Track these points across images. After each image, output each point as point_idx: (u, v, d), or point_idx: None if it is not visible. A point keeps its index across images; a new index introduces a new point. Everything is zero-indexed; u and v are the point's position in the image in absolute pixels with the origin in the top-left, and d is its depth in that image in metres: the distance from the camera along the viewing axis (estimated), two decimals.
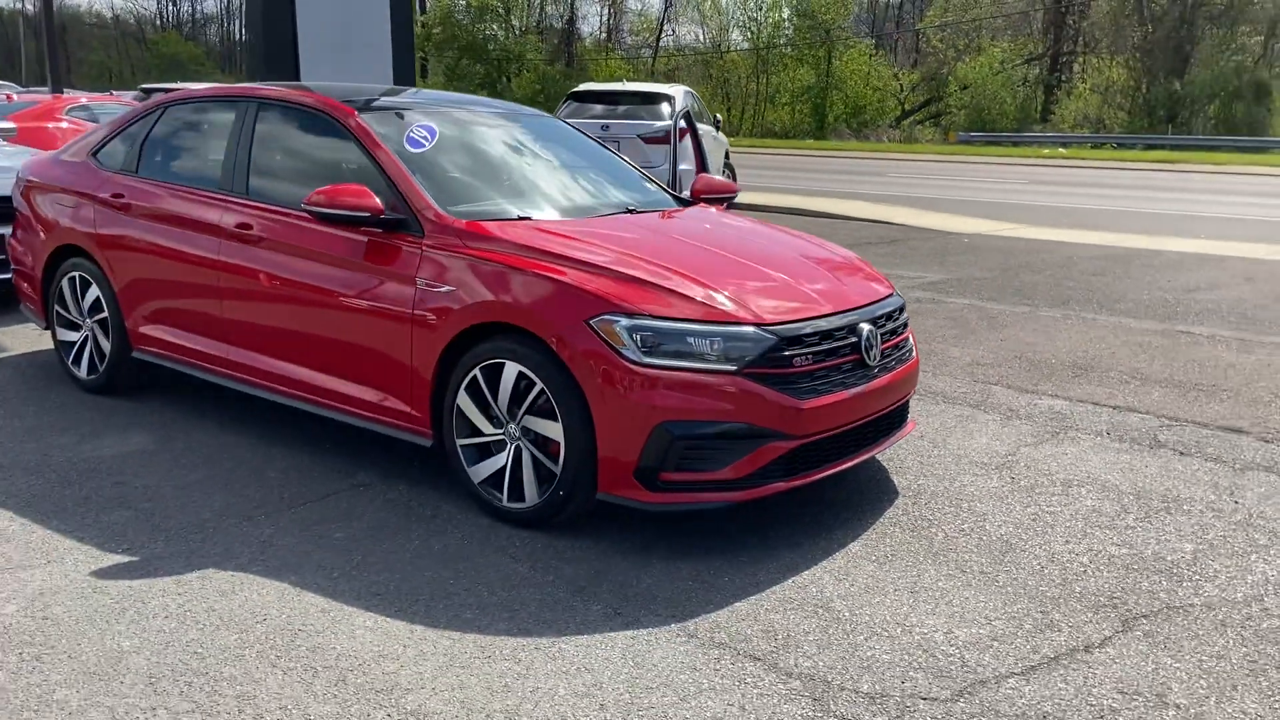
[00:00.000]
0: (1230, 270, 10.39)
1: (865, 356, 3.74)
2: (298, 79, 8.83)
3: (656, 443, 3.36)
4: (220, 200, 4.54)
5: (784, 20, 49.04)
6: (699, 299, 3.51)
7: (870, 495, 4.10)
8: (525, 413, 3.61)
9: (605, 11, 60.27)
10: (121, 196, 4.94)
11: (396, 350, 3.92)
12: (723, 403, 3.38)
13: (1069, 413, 5.30)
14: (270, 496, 3.99)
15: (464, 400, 3.76)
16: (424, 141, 4.32)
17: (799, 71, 47.59)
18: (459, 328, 3.72)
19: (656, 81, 54.50)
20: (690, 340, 3.40)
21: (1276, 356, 6.63)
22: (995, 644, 2.96)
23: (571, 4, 59.86)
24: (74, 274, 5.17)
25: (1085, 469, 4.46)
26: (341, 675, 2.77)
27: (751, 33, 52.30)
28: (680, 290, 3.54)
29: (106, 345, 5.10)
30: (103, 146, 5.25)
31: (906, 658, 2.87)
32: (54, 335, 5.40)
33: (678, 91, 13.25)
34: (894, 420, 4.05)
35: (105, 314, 5.06)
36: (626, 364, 3.37)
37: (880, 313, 3.94)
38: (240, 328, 4.47)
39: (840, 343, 3.67)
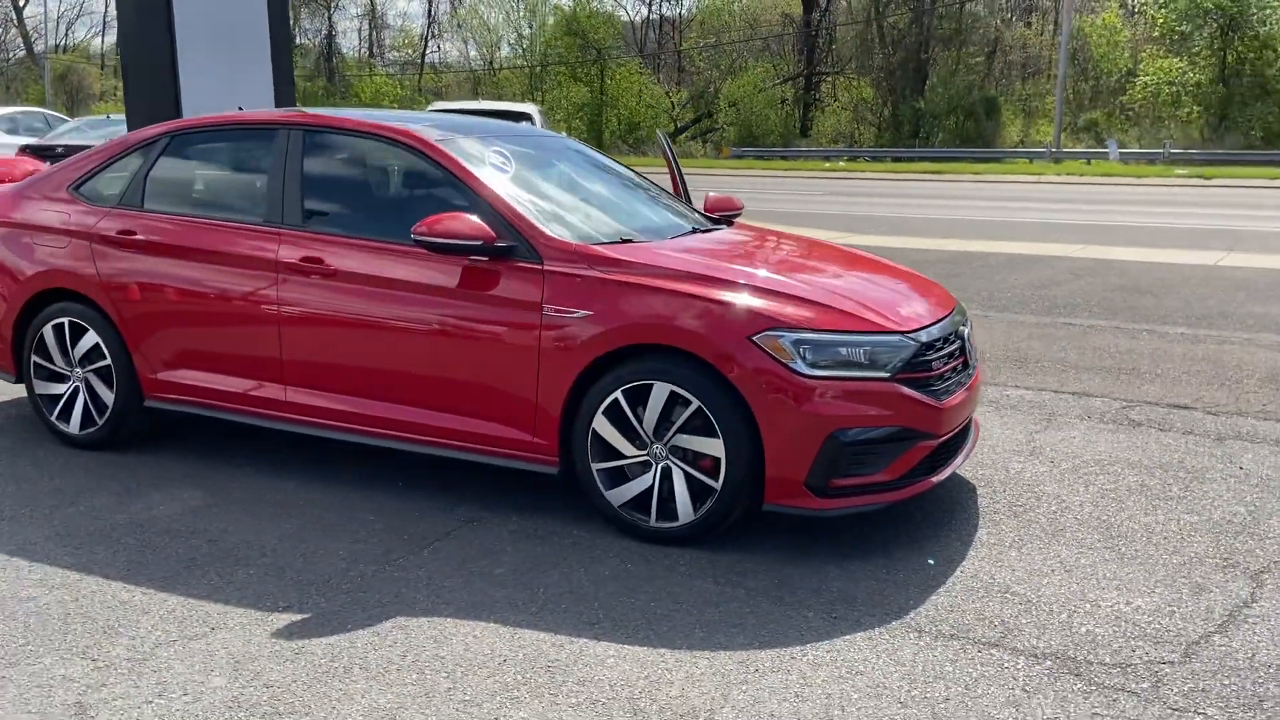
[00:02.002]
0: (1057, 268, 11.53)
1: (968, 358, 4.05)
2: (177, 99, 8.31)
3: (828, 451, 3.52)
4: (272, 234, 4.30)
5: (555, 39, 49.57)
6: (847, 311, 3.70)
7: (950, 487, 4.40)
8: (677, 431, 3.67)
9: (365, 27, 58.86)
10: (131, 233, 4.56)
11: (518, 378, 3.87)
12: (881, 408, 3.57)
13: (1041, 401, 5.84)
14: (391, 540, 3.84)
15: (602, 424, 3.77)
16: (506, 169, 4.28)
17: (573, 89, 48.27)
18: (599, 351, 3.73)
19: (426, 99, 53.81)
20: (846, 350, 3.58)
21: (1161, 341, 7.50)
22: (1174, 609, 3.31)
23: (329, 19, 58.11)
24: (61, 320, 4.71)
25: (1101, 450, 4.95)
26: (633, 703, 2.76)
27: (523, 50, 52.60)
28: (825, 303, 3.72)
29: (108, 395, 4.68)
30: (86, 180, 4.82)
31: (1117, 629, 3.17)
32: (30, 389, 4.89)
33: (533, 110, 13.31)
34: (970, 422, 4.37)
35: (106, 361, 4.65)
36: (797, 377, 3.51)
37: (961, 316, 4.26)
38: (307, 368, 4.25)
39: (952, 346, 3.95)
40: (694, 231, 4.59)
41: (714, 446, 3.62)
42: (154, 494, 4.28)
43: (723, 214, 5.26)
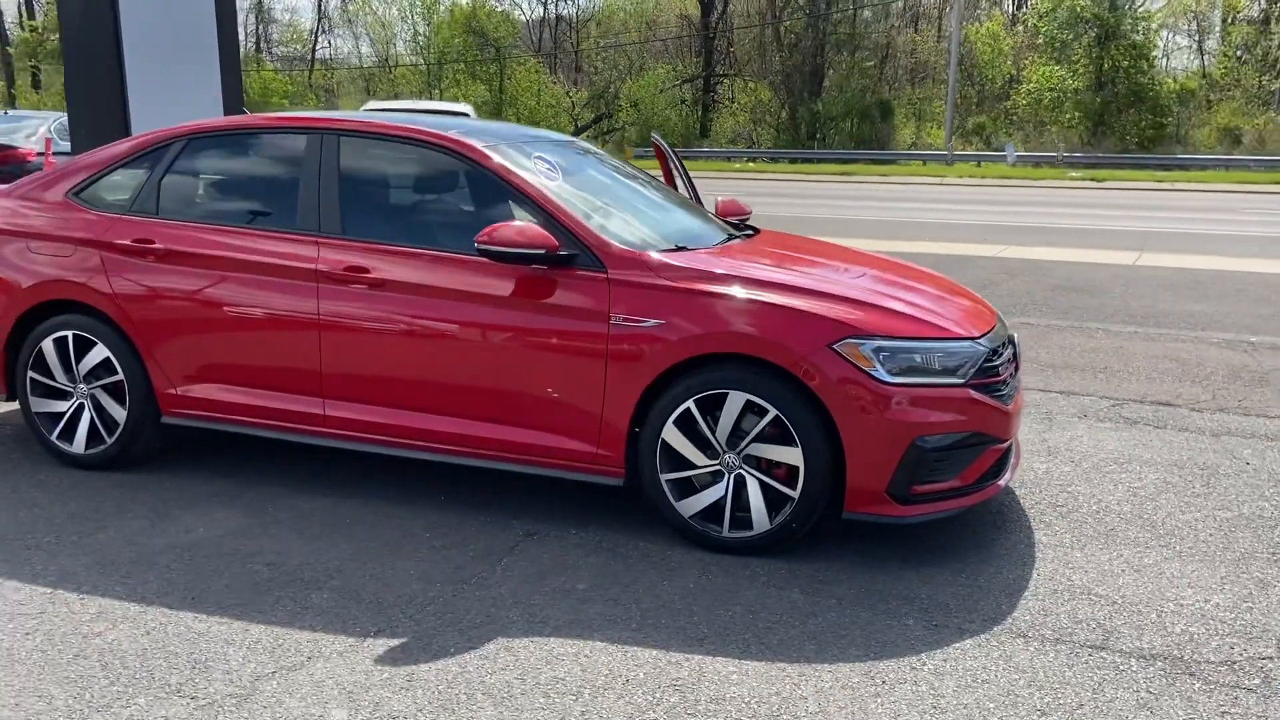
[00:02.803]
0: (989, 268, 11.88)
1: (1018, 364, 4.14)
2: (123, 96, 7.94)
3: (910, 458, 3.55)
4: (310, 241, 4.12)
5: (453, 36, 48.87)
6: (919, 318, 3.74)
7: None
8: (752, 440, 3.66)
9: (251, 21, 56.95)
10: (148, 242, 4.31)
11: (582, 389, 3.80)
12: (957, 414, 3.62)
13: (1034, 401, 6.00)
14: (457, 557, 3.72)
15: (672, 434, 3.73)
16: (554, 176, 4.20)
17: (472, 87, 47.70)
18: (672, 361, 3.68)
19: (317, 94, 52.42)
20: (921, 357, 3.62)
21: (1119, 340, 7.78)
22: (1250, 605, 3.43)
23: None
24: (64, 334, 4.43)
25: (1112, 449, 5.11)
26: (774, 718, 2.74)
27: (419, 47, 51.70)
28: (897, 309, 3.75)
29: (119, 412, 4.42)
30: (88, 185, 4.54)
31: (1208, 627, 3.27)
32: (25, 407, 4.59)
33: (469, 109, 13.11)
34: None
35: (118, 376, 4.39)
36: (878, 384, 3.53)
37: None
38: (350, 380, 4.09)
39: (1007, 351, 4.03)
40: (732, 238, 4.57)
41: (791, 455, 3.61)
42: (186, 516, 4.06)
43: (735, 218, 5.26)
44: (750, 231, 4.90)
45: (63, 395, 4.51)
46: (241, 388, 4.27)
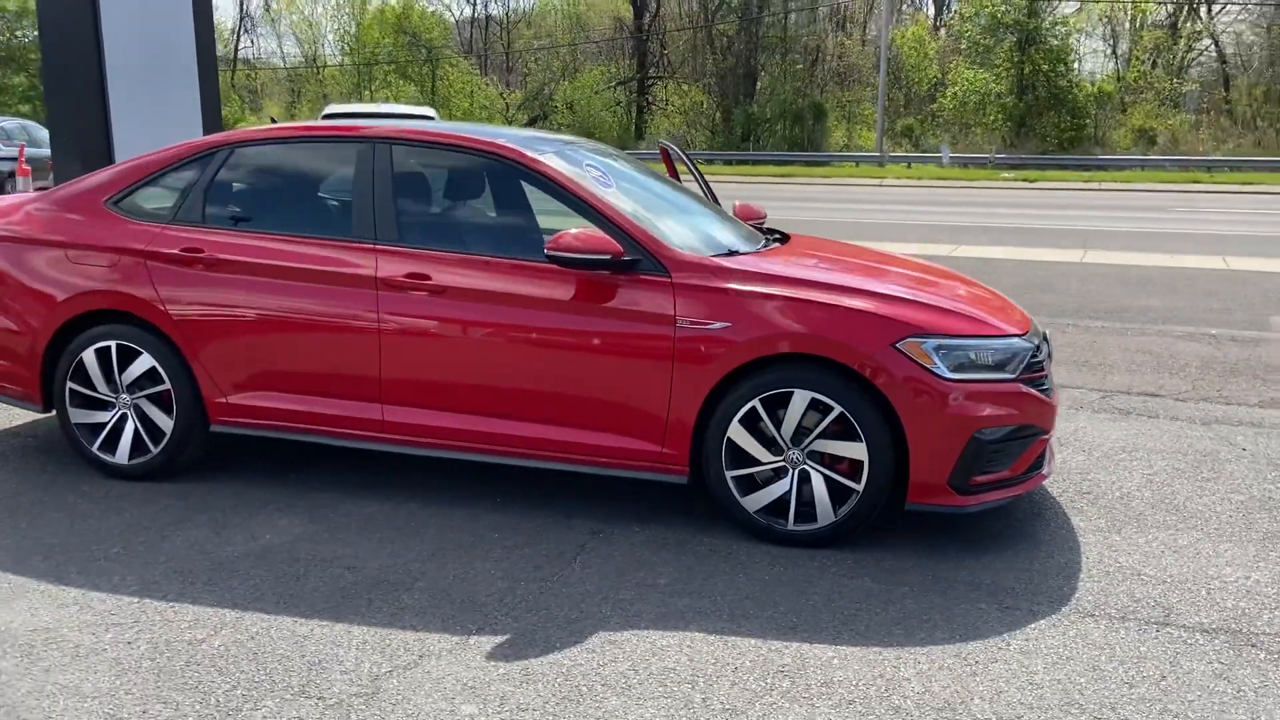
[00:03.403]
0: (949, 267, 12.25)
1: (1051, 358, 4.36)
2: (105, 108, 7.86)
3: (970, 450, 3.73)
4: (367, 249, 4.17)
5: (383, 37, 48.36)
6: (972, 316, 3.92)
7: None
8: (817, 437, 3.81)
9: None
10: (197, 250, 4.31)
11: (648, 390, 3.91)
12: (1010, 408, 3.81)
13: None
14: (532, 556, 3.80)
15: (737, 432, 3.87)
16: (608, 183, 4.30)
17: (403, 88, 47.30)
18: (739, 362, 3.81)
19: (240, 95, 51.42)
20: (975, 354, 3.80)
21: (1089, 335, 8.13)
22: None
23: None
24: (106, 343, 4.41)
25: (1116, 438, 5.37)
26: (887, 701, 2.88)
27: (348, 48, 51.04)
28: (951, 309, 3.93)
29: (165, 421, 4.41)
30: (127, 194, 4.52)
31: (1256, 602, 3.49)
32: (65, 419, 4.54)
33: (432, 112, 13.11)
34: None
35: (165, 385, 4.38)
36: (940, 381, 3.71)
37: None
38: (410, 386, 4.14)
39: (1046, 347, 4.24)
40: (769, 242, 4.72)
41: (856, 450, 3.77)
42: (249, 523, 4.08)
43: (752, 222, 5.41)
44: (778, 235, 5.05)
45: (104, 406, 4.48)
46: (295, 394, 4.30)
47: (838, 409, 3.75)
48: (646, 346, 3.90)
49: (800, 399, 3.78)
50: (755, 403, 3.83)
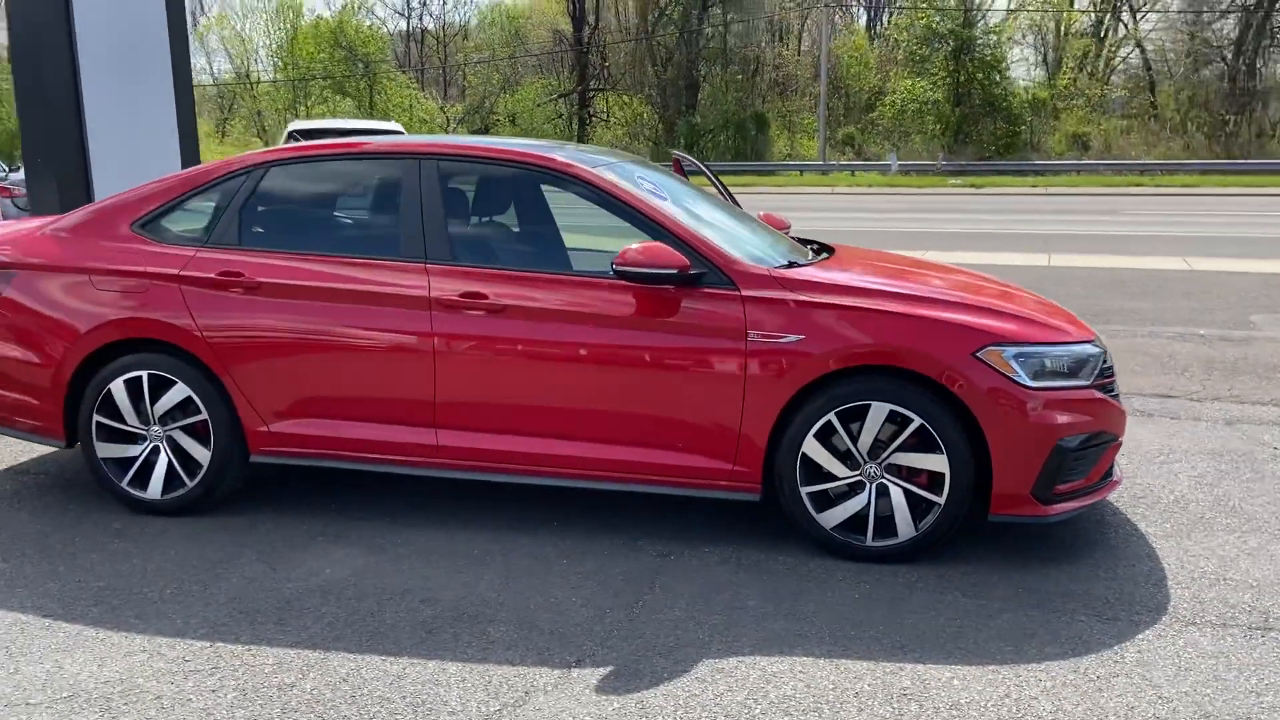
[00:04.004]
0: None
1: None
2: (80, 119, 7.57)
3: (1054, 459, 3.69)
4: (418, 269, 4.02)
5: (318, 51, 47.69)
6: (1045, 323, 3.89)
7: None
8: (896, 449, 3.75)
9: None
10: (236, 274, 4.12)
11: (718, 406, 3.81)
12: (1087, 414, 3.78)
13: None
14: (608, 582, 3.67)
15: (812, 446, 3.79)
16: (664, 197, 4.21)
17: (340, 103, 46.70)
18: (814, 375, 3.73)
19: None
20: (1051, 361, 3.76)
21: None
22: None
23: None
24: (137, 373, 4.19)
25: (1150, 440, 5.39)
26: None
27: (282, 63, 50.22)
28: (1024, 316, 3.89)
29: (201, 453, 4.20)
30: (154, 217, 4.31)
31: None
32: (91, 454, 4.31)
33: (399, 126, 12.90)
34: None
35: (201, 416, 4.17)
36: (1022, 389, 3.66)
37: None
38: (467, 409, 3.99)
39: (1108, 353, 4.23)
40: (822, 254, 4.64)
41: (936, 462, 3.71)
42: (304, 557, 3.90)
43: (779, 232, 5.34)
44: (815, 245, 4.99)
45: (134, 439, 4.26)
46: (342, 421, 4.12)
47: (917, 420, 3.69)
48: (717, 362, 3.80)
49: (878, 411, 3.71)
50: (831, 416, 3.75)
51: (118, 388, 4.19)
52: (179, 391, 4.16)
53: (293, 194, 4.33)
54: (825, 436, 3.77)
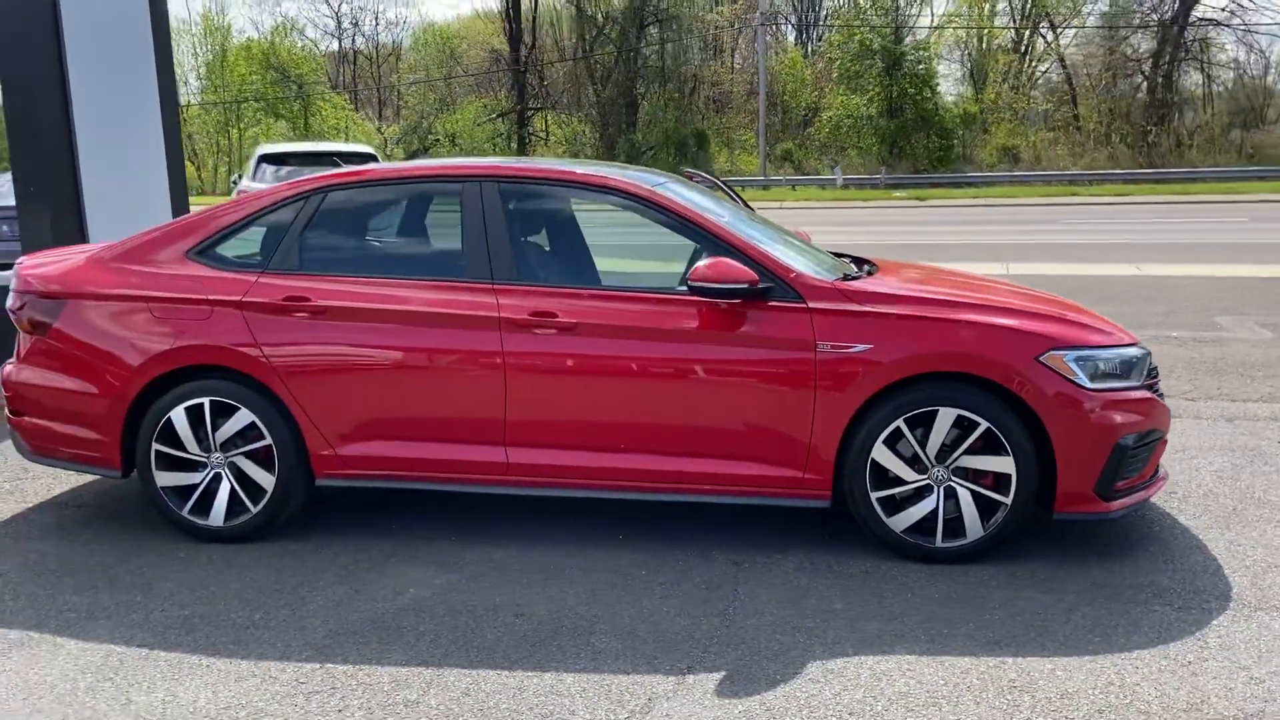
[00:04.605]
0: None
1: None
2: (71, 143, 7.46)
3: (1115, 458, 3.85)
4: (486, 289, 4.07)
5: (251, 74, 47.03)
6: (1097, 327, 4.07)
7: None
8: (963, 453, 3.89)
9: None
10: (302, 299, 4.13)
11: (789, 416, 3.92)
12: (1141, 414, 3.95)
13: None
14: (694, 591, 3.74)
15: (881, 452, 3.91)
16: (723, 214, 4.31)
17: (273, 125, 46.14)
18: (884, 383, 3.85)
19: None
20: (1104, 364, 3.92)
21: None
22: None
23: None
24: (199, 400, 4.17)
25: None
26: (1134, 706, 2.95)
27: (214, 86, 49.44)
28: (1076, 320, 4.06)
29: (265, 478, 4.19)
30: (211, 244, 4.29)
31: None
32: (150, 483, 4.27)
33: (370, 149, 12.86)
34: None
35: (265, 441, 4.17)
36: (1084, 391, 3.83)
37: None
38: (538, 426, 4.05)
39: None
40: (864, 266, 4.77)
41: (1003, 464, 3.85)
42: (381, 578, 3.91)
43: None
44: (850, 258, 5.13)
45: (194, 466, 4.23)
46: (410, 441, 4.15)
47: (984, 424, 3.83)
48: (787, 373, 3.91)
49: (946, 416, 3.85)
50: (900, 422, 3.88)
51: (178, 415, 4.16)
52: (242, 417, 4.15)
53: (352, 217, 4.35)
54: (893, 442, 3.90)
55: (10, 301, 4.40)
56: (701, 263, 3.90)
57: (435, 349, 4.07)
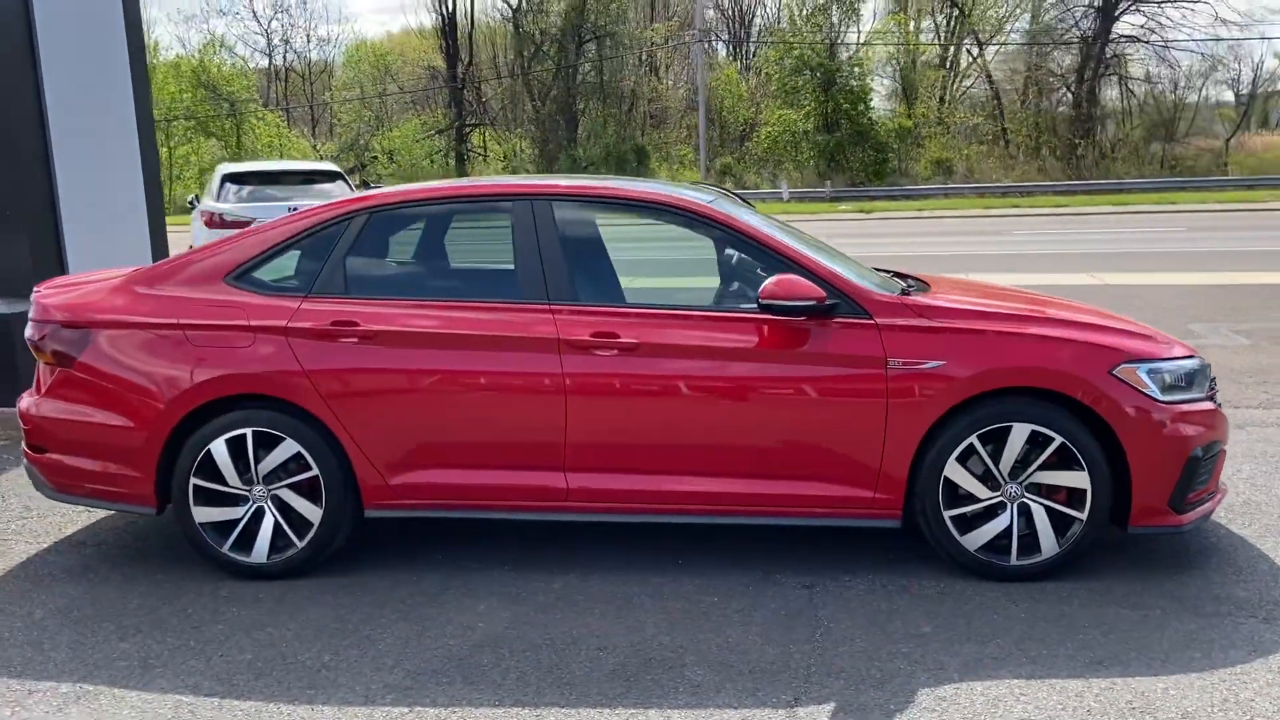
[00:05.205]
0: None
1: None
2: (49, 167, 7.17)
3: (1188, 470, 3.84)
4: (543, 310, 3.94)
5: (181, 92, 45.92)
6: (1162, 340, 4.06)
7: None
8: (1037, 469, 3.85)
9: None
10: (351, 324, 3.95)
11: (859, 434, 3.84)
12: (1209, 425, 3.94)
13: None
14: (776, 619, 3.64)
15: (954, 470, 3.86)
16: (779, 230, 4.23)
17: (204, 144, 45.16)
18: (957, 399, 3.78)
19: None
20: (1171, 376, 3.91)
21: None
22: None
23: None
24: (241, 431, 3.97)
25: None
26: None
27: None
28: (1142, 333, 4.06)
29: (312, 511, 4.00)
30: (249, 268, 4.09)
31: None
32: (187, 519, 4.05)
33: (336, 168, 12.58)
34: None
35: (313, 472, 3.98)
36: (1158, 404, 3.81)
37: None
38: (600, 450, 3.92)
39: None
40: (906, 280, 4.72)
41: (1078, 479, 3.82)
42: (445, 613, 3.73)
43: None
44: (890, 272, 5.08)
45: (235, 500, 4.03)
46: (465, 470, 3.99)
47: (1059, 440, 3.79)
48: (857, 390, 3.84)
49: (1020, 432, 3.81)
50: (972, 439, 3.83)
51: (219, 447, 3.96)
52: (287, 448, 3.96)
53: (398, 239, 4.20)
54: (964, 459, 3.85)
55: (30, 332, 4.15)
56: (769, 280, 3.82)
57: (492, 372, 3.93)
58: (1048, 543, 3.86)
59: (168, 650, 3.50)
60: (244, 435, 3.95)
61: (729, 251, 4.47)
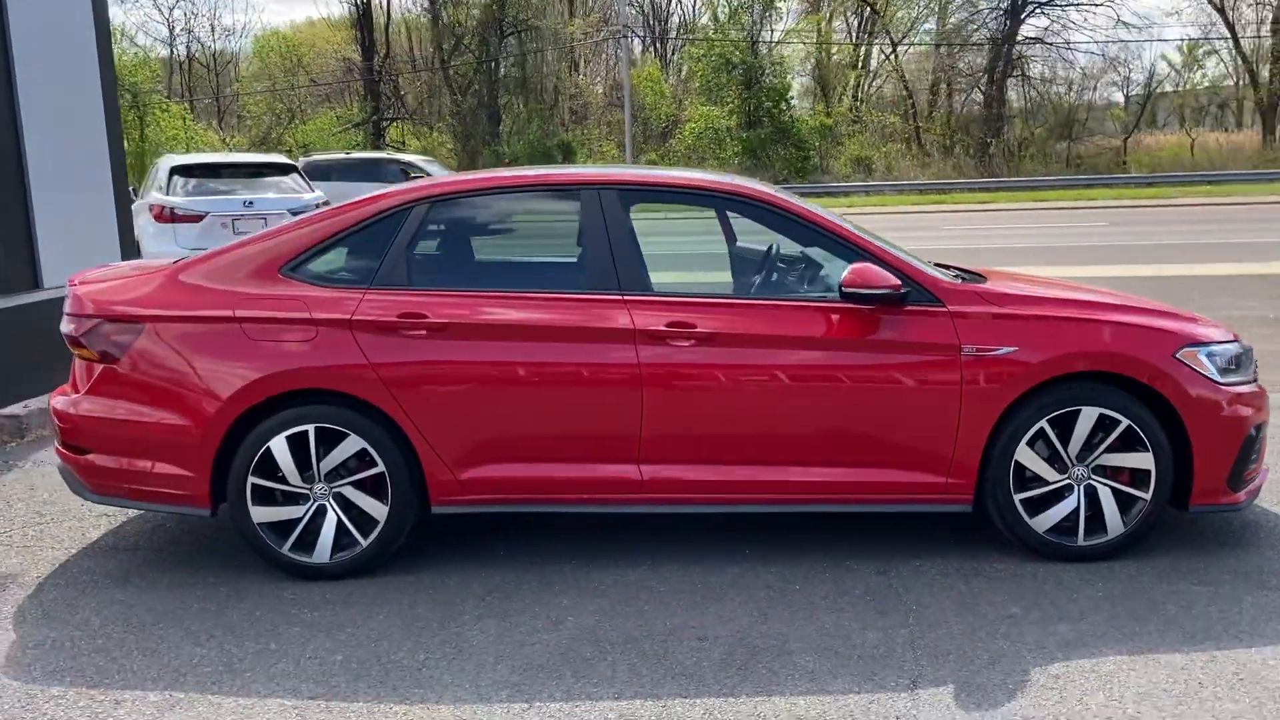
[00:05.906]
0: None
1: None
2: (20, 161, 6.87)
3: (1245, 449, 3.96)
4: (617, 301, 3.88)
5: None
6: (1214, 324, 4.18)
7: None
8: (1104, 451, 3.93)
9: None
10: (419, 316, 3.84)
11: (933, 421, 3.88)
12: (1258, 406, 4.06)
13: None
14: (859, 605, 3.64)
15: (1025, 454, 3.92)
16: (839, 219, 4.24)
17: None
18: (1030, 384, 3.83)
19: None
20: (1223, 359, 4.03)
21: None
22: None
23: None
24: (303, 428, 3.83)
25: None
26: None
27: None
28: (1193, 317, 4.17)
29: (377, 509, 3.87)
30: (305, 259, 3.94)
31: None
32: (245, 519, 3.89)
33: (294, 161, 12.25)
34: None
35: (379, 469, 3.85)
36: (1219, 386, 3.92)
37: None
38: (675, 441, 3.88)
39: None
40: (955, 269, 4.76)
41: (1143, 460, 3.91)
42: (528, 608, 3.65)
43: None
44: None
45: (296, 499, 3.88)
46: (537, 463, 3.92)
47: (1125, 422, 3.88)
48: (932, 377, 3.87)
49: (1088, 415, 3.88)
50: (1043, 423, 3.89)
51: (279, 445, 3.81)
52: (352, 444, 3.83)
53: (462, 229, 4.09)
54: (1033, 443, 3.92)
55: (68, 327, 3.94)
56: (849, 270, 3.83)
57: (565, 364, 3.86)
58: (1113, 523, 3.94)
59: (249, 654, 3.36)
60: (306, 432, 3.81)
61: (767, 243, 4.47)
